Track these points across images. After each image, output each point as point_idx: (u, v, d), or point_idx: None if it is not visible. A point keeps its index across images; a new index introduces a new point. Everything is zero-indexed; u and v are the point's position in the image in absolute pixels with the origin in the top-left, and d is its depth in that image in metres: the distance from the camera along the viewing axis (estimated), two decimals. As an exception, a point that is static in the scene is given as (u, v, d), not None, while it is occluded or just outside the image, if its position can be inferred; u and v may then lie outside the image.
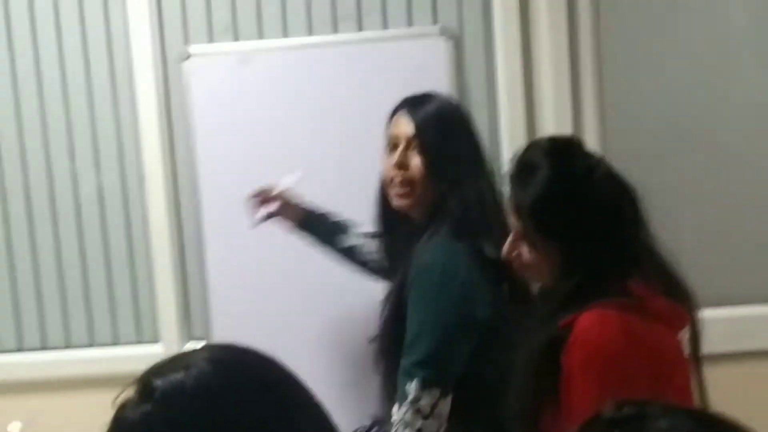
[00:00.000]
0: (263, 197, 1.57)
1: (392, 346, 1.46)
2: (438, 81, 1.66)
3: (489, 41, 1.80)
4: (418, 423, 1.36)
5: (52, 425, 1.70)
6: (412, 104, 1.43)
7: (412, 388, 1.38)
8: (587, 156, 1.25)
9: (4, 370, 1.83)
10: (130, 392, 0.70)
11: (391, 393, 1.42)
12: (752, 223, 1.82)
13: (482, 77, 1.81)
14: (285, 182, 1.55)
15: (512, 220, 1.26)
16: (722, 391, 1.10)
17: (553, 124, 1.77)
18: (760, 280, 1.78)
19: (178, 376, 0.72)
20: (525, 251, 1.24)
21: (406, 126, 1.41)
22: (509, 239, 1.26)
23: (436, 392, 1.37)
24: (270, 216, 1.56)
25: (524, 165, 1.24)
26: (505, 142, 1.78)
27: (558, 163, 1.21)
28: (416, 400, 1.37)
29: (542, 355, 1.20)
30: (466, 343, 1.40)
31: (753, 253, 1.82)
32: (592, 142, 1.61)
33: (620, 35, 1.80)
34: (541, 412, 1.22)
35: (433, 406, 1.38)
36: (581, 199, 1.22)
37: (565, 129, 1.75)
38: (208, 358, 0.79)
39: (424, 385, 1.37)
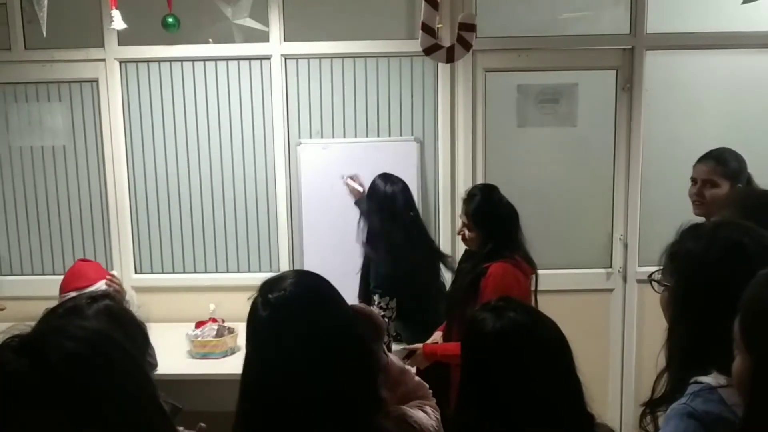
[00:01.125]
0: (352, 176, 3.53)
1: None
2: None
3: (437, 144, 3.79)
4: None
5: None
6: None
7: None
8: (497, 193, 2.68)
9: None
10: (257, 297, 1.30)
11: None
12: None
13: (431, 160, 3.81)
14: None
15: (463, 218, 2.68)
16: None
17: (462, 179, 3.77)
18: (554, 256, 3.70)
19: (283, 291, 1.31)
20: (468, 233, 2.66)
21: None
22: (460, 227, 2.72)
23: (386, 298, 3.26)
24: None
25: (470, 195, 2.68)
26: (441, 189, 3.79)
27: (485, 194, 2.67)
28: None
29: (472, 281, 2.59)
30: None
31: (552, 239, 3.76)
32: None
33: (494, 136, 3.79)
34: (467, 308, 2.41)
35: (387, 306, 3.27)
36: (494, 210, 2.69)
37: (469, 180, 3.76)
38: (297, 282, 1.34)
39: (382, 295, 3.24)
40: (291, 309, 1.32)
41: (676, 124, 3.74)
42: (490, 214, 2.66)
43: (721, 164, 2.71)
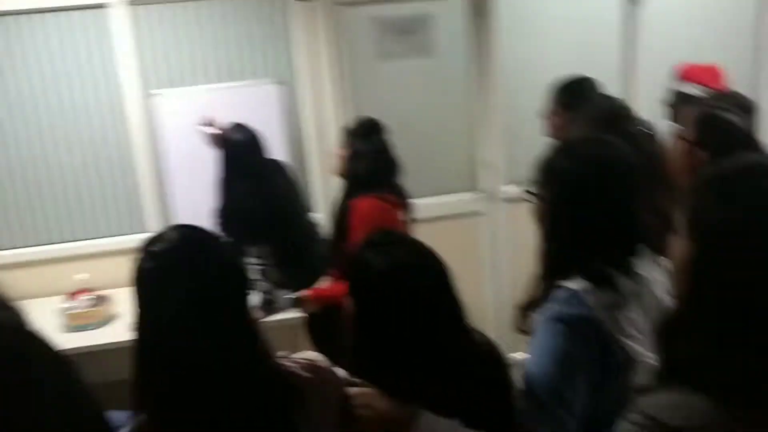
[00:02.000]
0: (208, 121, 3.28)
1: None
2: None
3: (300, 85, 3.69)
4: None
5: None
6: None
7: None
8: (375, 131, 2.71)
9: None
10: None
11: None
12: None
13: (297, 103, 3.72)
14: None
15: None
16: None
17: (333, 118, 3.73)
18: (420, 185, 3.80)
19: (168, 242, 1.31)
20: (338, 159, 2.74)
21: None
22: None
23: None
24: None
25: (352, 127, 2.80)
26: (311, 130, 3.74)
27: (364, 129, 2.71)
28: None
29: (340, 219, 2.66)
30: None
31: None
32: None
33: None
34: (340, 246, 2.57)
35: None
36: (370, 152, 2.77)
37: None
38: (180, 233, 1.35)
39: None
40: (176, 257, 1.30)
41: (531, 46, 3.86)
42: (366, 149, 2.65)
43: (559, 93, 2.86)
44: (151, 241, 1.35)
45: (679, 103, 2.92)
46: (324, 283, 2.88)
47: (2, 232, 3.59)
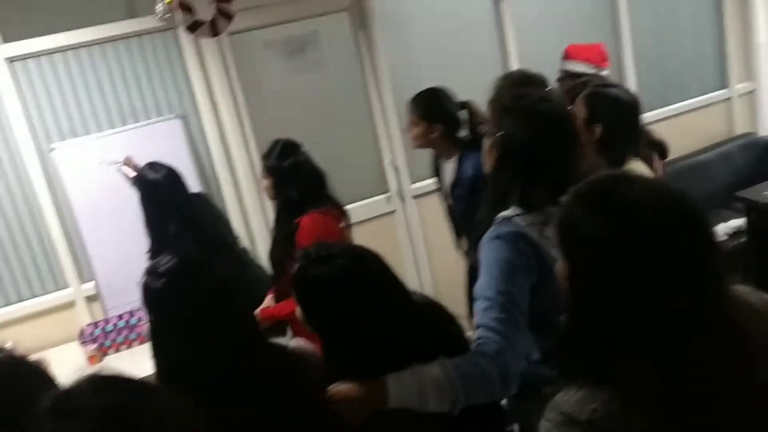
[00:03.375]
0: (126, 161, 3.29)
1: None
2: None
3: (200, 118, 3.72)
4: None
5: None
6: None
7: None
8: (297, 150, 2.74)
9: None
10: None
11: None
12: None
13: (198, 134, 3.76)
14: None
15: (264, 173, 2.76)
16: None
17: (235, 147, 3.79)
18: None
19: (169, 263, 1.55)
20: (265, 183, 2.73)
21: None
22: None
23: None
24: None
25: (269, 151, 2.74)
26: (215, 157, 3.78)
27: (283, 151, 2.73)
28: None
29: (286, 238, 2.62)
30: None
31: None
32: (252, 146, 3.68)
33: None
34: (288, 264, 2.25)
35: None
36: (295, 172, 2.71)
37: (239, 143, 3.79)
38: (177, 256, 1.62)
39: None
40: (181, 271, 1.57)
41: (414, 48, 4.09)
42: (290, 169, 2.73)
43: (414, 106, 3.02)
44: (154, 267, 1.59)
45: (566, 80, 3.21)
46: (268, 303, 2.95)
47: None
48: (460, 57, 4.11)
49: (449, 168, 3.01)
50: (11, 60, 3.36)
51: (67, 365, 1.54)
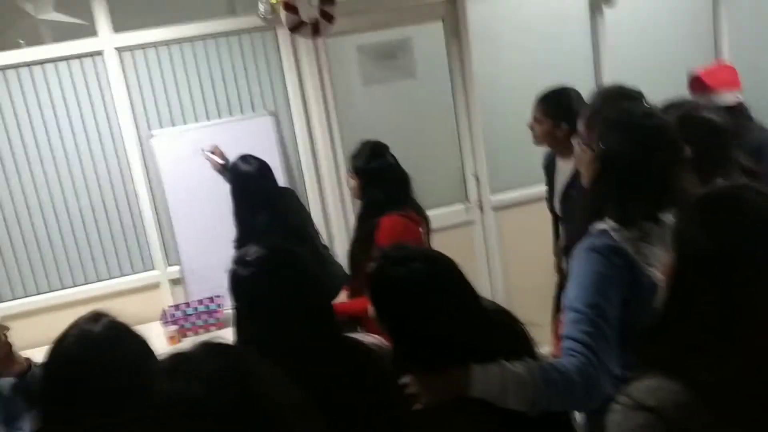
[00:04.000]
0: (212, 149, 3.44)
1: None
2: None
3: (291, 116, 3.84)
4: None
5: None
6: None
7: None
8: (386, 152, 2.82)
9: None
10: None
11: None
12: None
13: (289, 132, 3.88)
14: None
15: (350, 173, 2.84)
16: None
17: (321, 145, 3.89)
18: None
19: (257, 254, 1.65)
20: (351, 182, 2.84)
21: None
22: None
23: None
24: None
25: (359, 151, 2.82)
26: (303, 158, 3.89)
27: (373, 151, 2.80)
28: None
29: (366, 236, 2.70)
30: None
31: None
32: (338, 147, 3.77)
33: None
34: (365, 262, 2.27)
35: None
36: (382, 174, 2.82)
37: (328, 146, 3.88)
38: (264, 246, 1.72)
39: None
40: (269, 262, 1.65)
41: (504, 61, 4.09)
42: (377, 170, 2.79)
43: (543, 103, 3.02)
44: (242, 255, 1.66)
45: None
46: (342, 299, 3.01)
47: (15, 282, 3.63)
48: (551, 70, 4.07)
49: (566, 168, 2.97)
50: (120, 50, 3.56)
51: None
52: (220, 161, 3.39)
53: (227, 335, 1.67)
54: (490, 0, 4.02)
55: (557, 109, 2.97)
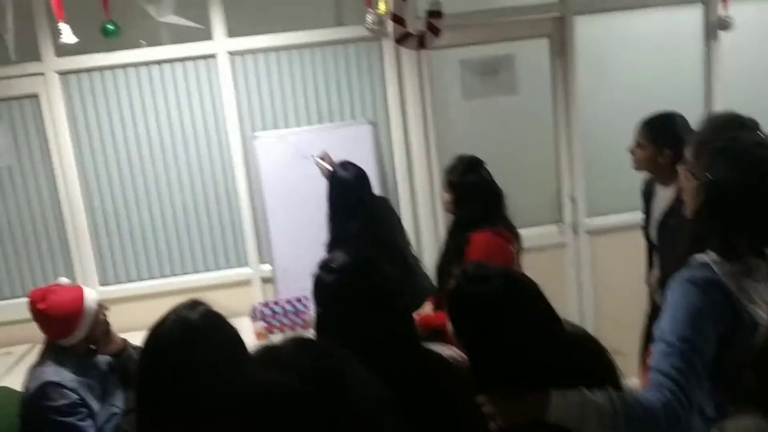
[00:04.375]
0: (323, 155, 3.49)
1: None
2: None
3: (390, 125, 3.89)
4: None
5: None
6: None
7: None
8: (482, 167, 2.82)
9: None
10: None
11: None
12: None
13: (386, 141, 3.92)
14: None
15: (445, 187, 2.84)
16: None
17: (417, 156, 3.91)
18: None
19: (342, 259, 1.69)
20: (445, 196, 2.86)
21: None
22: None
23: None
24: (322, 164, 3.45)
25: (455, 165, 2.86)
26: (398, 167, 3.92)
27: (469, 165, 2.81)
28: None
29: (456, 250, 2.70)
30: None
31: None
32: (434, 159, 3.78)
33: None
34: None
35: None
36: (476, 189, 2.85)
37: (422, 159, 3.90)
38: (349, 254, 1.69)
39: None
40: (353, 270, 1.67)
41: (610, 82, 3.99)
42: (472, 185, 2.78)
43: (647, 128, 2.91)
44: (327, 261, 1.70)
45: None
46: (427, 310, 3.01)
47: (119, 268, 3.84)
48: (659, 93, 3.95)
49: (665, 195, 2.88)
50: (232, 54, 3.71)
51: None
52: (329, 167, 3.47)
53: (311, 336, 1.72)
54: (599, 18, 3.94)
55: (661, 134, 2.86)
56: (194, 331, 1.56)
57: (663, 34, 3.99)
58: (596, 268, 4.07)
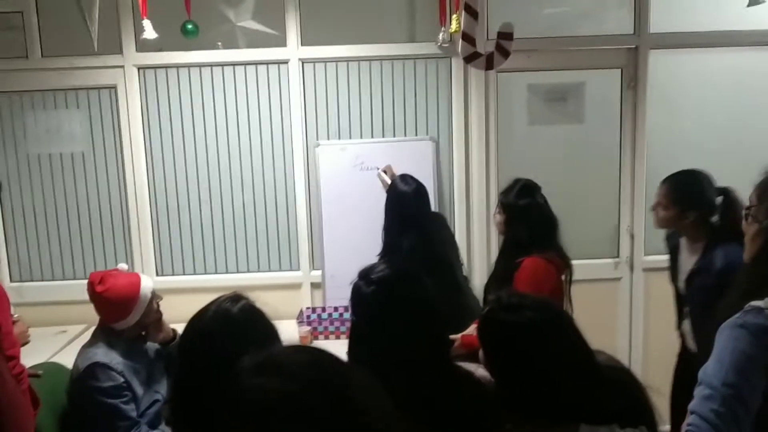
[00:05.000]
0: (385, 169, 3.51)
1: None
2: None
3: (451, 143, 3.91)
4: None
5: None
6: None
7: None
8: (538, 192, 2.81)
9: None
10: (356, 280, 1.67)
11: None
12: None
13: (446, 159, 3.93)
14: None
15: (498, 208, 2.83)
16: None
17: (477, 177, 3.90)
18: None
19: (382, 273, 1.67)
20: (497, 217, 2.83)
21: None
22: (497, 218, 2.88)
23: None
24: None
25: (511, 187, 2.83)
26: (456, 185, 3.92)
27: (526, 189, 2.80)
28: None
29: (506, 274, 2.67)
30: None
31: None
32: (492, 181, 3.76)
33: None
34: None
35: None
36: (529, 213, 2.79)
37: (482, 180, 3.88)
38: (391, 265, 1.70)
39: None
40: (392, 283, 1.66)
41: (679, 119, 3.90)
42: (525, 208, 2.76)
43: (670, 188, 2.81)
44: (367, 271, 1.70)
45: None
46: (471, 331, 2.98)
47: (176, 261, 3.95)
48: (731, 133, 3.85)
49: (692, 251, 2.80)
50: (303, 61, 3.78)
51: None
52: (389, 181, 3.48)
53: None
54: (674, 54, 3.86)
55: (686, 196, 2.78)
56: (232, 322, 1.59)
57: (739, 73, 3.89)
58: (649, 305, 3.97)
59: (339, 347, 1.83)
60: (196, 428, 1.55)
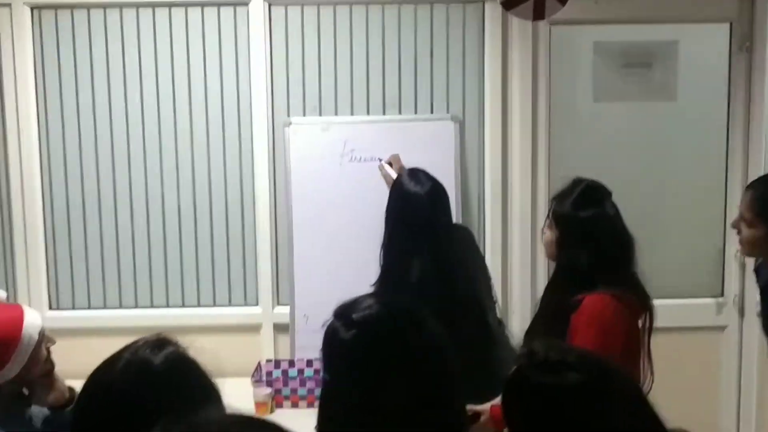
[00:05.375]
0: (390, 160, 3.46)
1: None
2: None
3: (482, 125, 3.86)
4: None
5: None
6: None
7: None
8: (608, 198, 2.74)
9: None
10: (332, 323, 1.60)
11: None
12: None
13: (475, 147, 3.90)
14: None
15: (549, 220, 2.77)
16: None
17: (518, 171, 3.88)
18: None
19: (368, 311, 1.60)
20: (547, 233, 2.77)
21: None
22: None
23: None
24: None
25: (568, 191, 2.74)
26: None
27: (591, 194, 2.72)
28: None
29: (558, 315, 2.59)
30: None
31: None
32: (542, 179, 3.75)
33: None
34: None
35: None
36: (593, 230, 2.70)
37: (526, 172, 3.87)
38: (380, 300, 1.64)
39: None
40: (379, 327, 1.62)
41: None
42: (587, 223, 2.74)
43: (756, 200, 2.81)
44: (347, 308, 1.65)
45: None
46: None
47: (65, 289, 3.94)
48: None
49: None
50: (271, 3, 3.78)
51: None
52: (395, 175, 3.45)
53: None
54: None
55: None
56: (152, 379, 1.55)
57: None
58: (766, 364, 3.96)
59: (310, 420, 1.84)
60: None
